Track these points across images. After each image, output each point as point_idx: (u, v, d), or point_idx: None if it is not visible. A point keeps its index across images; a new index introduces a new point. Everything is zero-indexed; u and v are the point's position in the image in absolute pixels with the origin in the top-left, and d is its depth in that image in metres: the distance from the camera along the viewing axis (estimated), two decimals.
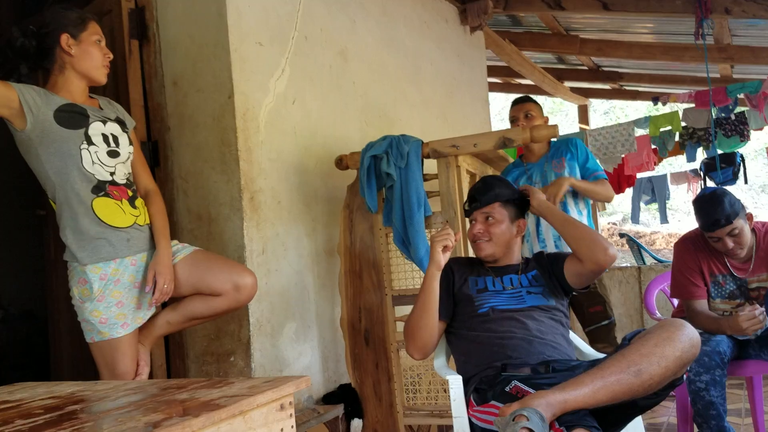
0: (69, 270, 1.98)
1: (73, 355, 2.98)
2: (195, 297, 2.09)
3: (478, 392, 1.78)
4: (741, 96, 5.25)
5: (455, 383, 1.82)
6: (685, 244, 2.55)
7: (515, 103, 3.06)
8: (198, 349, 2.58)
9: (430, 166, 2.70)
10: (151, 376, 2.54)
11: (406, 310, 2.59)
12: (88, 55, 1.99)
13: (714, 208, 2.31)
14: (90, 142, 1.95)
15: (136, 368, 2.01)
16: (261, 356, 2.50)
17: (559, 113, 15.08)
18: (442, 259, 1.95)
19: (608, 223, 13.18)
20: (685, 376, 1.62)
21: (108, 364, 1.96)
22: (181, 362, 2.62)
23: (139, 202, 2.07)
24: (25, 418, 1.11)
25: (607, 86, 7.38)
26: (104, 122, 2.01)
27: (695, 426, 2.29)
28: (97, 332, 1.94)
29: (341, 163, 2.80)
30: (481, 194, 2.11)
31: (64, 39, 1.96)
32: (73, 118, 1.94)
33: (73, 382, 1.49)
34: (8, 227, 4.56)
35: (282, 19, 2.80)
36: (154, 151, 2.66)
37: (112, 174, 2.00)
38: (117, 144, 2.02)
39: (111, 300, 1.94)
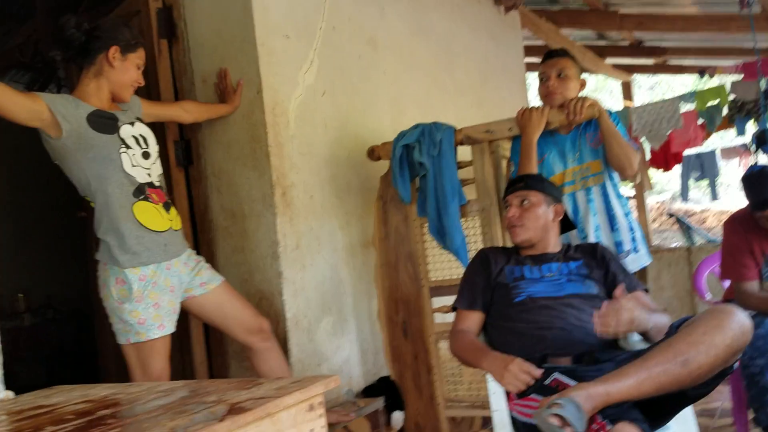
0: (103, 270, 2.01)
1: (119, 352, 3.03)
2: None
3: None
4: None
5: None
6: (734, 224, 2.45)
7: (548, 56, 2.48)
8: (237, 346, 2.58)
9: (465, 153, 2.63)
10: (192, 372, 2.58)
11: (443, 300, 2.55)
12: (125, 72, 2.05)
13: (763, 186, 2.21)
14: (126, 146, 1.99)
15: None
16: (299, 351, 2.50)
17: (603, 90, 14.69)
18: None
19: (657, 202, 12.80)
20: (737, 363, 1.54)
21: (142, 365, 1.99)
22: (222, 359, 2.65)
23: (172, 210, 2.12)
24: (56, 424, 1.12)
25: (650, 61, 7.11)
26: (132, 124, 2.04)
27: (751, 411, 2.20)
28: (135, 333, 1.97)
29: (373, 153, 2.76)
30: (528, 179, 2.05)
31: (113, 50, 2.01)
32: (105, 123, 1.98)
33: (109, 384, 1.50)
34: (53, 229, 4.70)
35: (309, 11, 2.77)
36: (187, 149, 2.67)
37: (149, 175, 2.04)
38: (147, 144, 2.07)
39: (149, 301, 1.97)
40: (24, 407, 1.33)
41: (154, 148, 2.10)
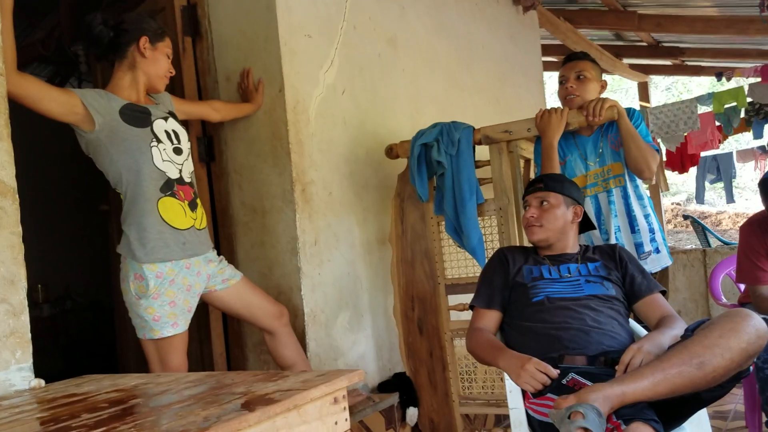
0: (123, 264, 2.04)
1: (138, 344, 3.08)
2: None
3: None
4: None
5: None
6: (751, 228, 2.45)
7: (567, 59, 2.54)
8: (255, 338, 2.63)
9: (483, 152, 2.66)
10: (211, 364, 2.62)
11: (459, 298, 2.58)
12: (157, 62, 2.09)
13: None
14: (158, 140, 2.03)
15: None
16: (316, 346, 2.54)
17: (619, 90, 14.62)
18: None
19: (672, 204, 12.74)
20: (751, 367, 1.55)
21: (161, 360, 2.03)
22: (240, 351, 2.69)
23: (198, 209, 2.14)
24: (91, 411, 1.16)
25: (668, 62, 7.08)
26: (165, 119, 2.08)
27: (764, 415, 2.21)
28: (150, 329, 2.00)
29: (391, 152, 2.79)
30: (549, 179, 2.06)
31: (143, 41, 2.06)
32: (137, 117, 2.01)
33: (137, 374, 1.55)
34: (73, 222, 4.77)
35: (330, 10, 2.80)
36: (209, 146, 2.71)
37: (180, 171, 2.08)
38: (179, 140, 2.10)
39: (165, 299, 2.00)
40: (56, 395, 1.37)
41: (185, 144, 2.12)
